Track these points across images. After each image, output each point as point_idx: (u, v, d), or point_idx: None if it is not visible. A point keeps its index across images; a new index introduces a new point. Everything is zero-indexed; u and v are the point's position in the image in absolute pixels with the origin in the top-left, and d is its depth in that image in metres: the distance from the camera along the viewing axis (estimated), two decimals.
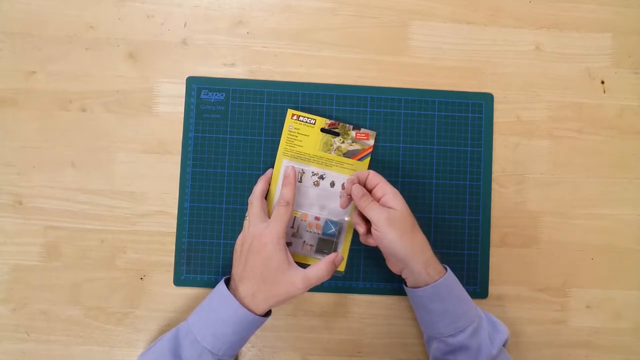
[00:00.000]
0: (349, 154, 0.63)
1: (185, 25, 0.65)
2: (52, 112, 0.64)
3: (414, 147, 0.65)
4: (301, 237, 0.62)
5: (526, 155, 0.66)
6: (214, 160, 0.64)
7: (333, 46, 0.66)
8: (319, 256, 0.62)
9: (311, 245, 0.62)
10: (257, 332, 0.62)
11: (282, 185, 0.61)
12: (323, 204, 0.62)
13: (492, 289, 0.64)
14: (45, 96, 0.64)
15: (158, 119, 0.64)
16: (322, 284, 0.63)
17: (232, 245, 0.62)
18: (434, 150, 0.65)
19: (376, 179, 0.58)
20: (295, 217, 0.62)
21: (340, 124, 0.63)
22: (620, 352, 0.65)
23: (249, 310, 0.54)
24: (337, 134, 0.63)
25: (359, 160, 0.63)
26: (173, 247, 0.63)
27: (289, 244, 0.62)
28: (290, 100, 0.64)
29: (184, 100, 0.64)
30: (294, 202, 0.60)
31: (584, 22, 0.67)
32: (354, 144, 0.63)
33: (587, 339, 0.65)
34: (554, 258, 0.65)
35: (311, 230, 0.62)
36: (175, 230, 0.63)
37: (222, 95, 0.64)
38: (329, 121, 0.63)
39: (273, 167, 0.63)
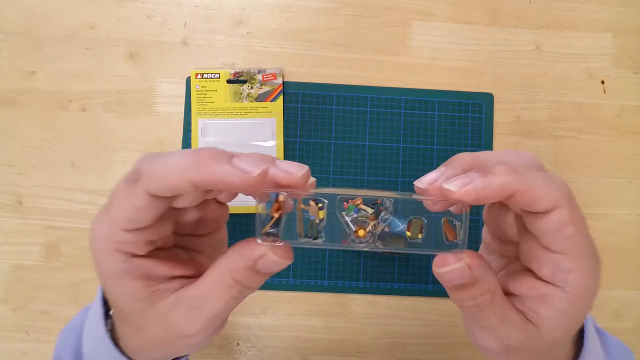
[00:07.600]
0: (260, 98, 0.63)
1: (185, 25, 0.65)
2: (52, 112, 0.64)
3: (414, 147, 0.65)
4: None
5: None
6: None
7: (333, 46, 0.66)
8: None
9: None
10: (257, 332, 0.62)
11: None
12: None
13: None
14: (45, 96, 0.64)
15: (158, 119, 0.64)
16: (323, 283, 0.63)
17: None
18: (434, 150, 0.65)
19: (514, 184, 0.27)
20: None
21: (245, 70, 0.63)
22: None
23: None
24: (244, 82, 0.63)
25: (272, 101, 0.63)
26: None
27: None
28: (290, 100, 0.64)
29: (184, 100, 0.64)
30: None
31: (584, 22, 0.67)
32: (262, 86, 0.63)
33: None
34: None
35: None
36: None
37: None
38: (232, 71, 0.63)
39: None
